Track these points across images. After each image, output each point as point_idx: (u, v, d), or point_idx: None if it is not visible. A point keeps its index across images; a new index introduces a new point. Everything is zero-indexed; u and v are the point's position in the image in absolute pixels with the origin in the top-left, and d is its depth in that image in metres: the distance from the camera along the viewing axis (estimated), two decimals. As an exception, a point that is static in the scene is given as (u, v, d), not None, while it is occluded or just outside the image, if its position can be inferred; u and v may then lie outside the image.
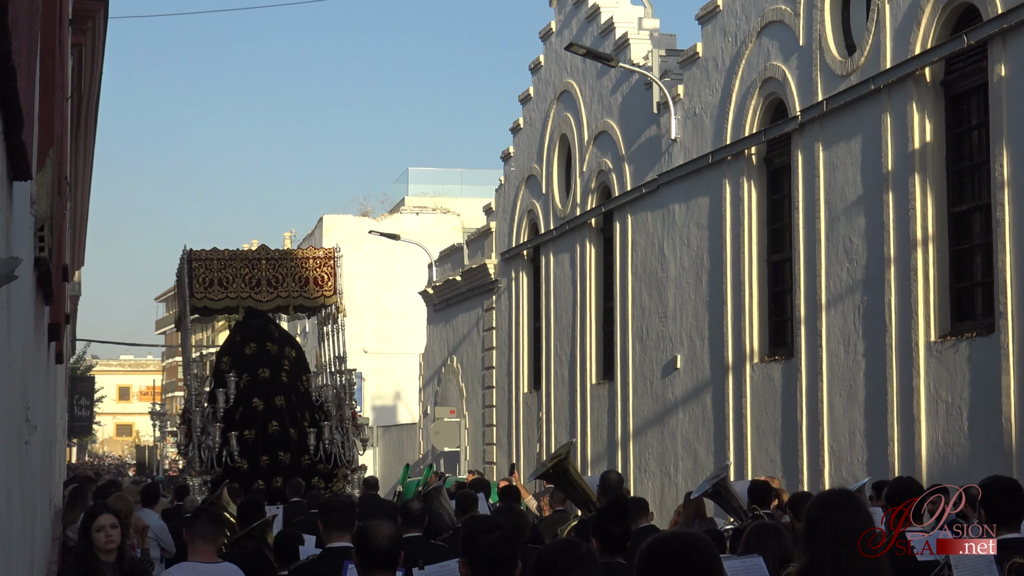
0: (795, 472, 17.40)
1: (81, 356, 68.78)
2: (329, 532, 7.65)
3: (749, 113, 19.01)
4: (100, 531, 7.73)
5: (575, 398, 25.52)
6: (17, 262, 4.51)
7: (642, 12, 24.06)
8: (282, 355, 18.65)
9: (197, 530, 7.59)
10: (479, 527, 4.97)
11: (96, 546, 7.72)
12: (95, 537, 7.73)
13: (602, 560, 6.21)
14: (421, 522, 8.83)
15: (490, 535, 4.88)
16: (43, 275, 8.33)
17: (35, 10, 6.11)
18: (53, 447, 15.41)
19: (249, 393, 18.09)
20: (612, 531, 6.86)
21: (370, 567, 5.82)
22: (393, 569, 5.89)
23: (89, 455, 63.71)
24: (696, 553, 3.67)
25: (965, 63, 15.10)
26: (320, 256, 19.05)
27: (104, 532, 7.72)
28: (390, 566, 5.84)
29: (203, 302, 18.52)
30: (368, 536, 5.86)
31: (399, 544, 5.95)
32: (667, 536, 3.78)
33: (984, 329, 14.49)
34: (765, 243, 19.11)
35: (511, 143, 30.15)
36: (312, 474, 17.67)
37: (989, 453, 14.12)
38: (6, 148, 5.05)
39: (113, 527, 7.76)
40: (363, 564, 5.84)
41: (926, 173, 15.34)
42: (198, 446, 17.58)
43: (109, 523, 7.76)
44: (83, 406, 52.88)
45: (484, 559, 4.84)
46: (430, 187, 53.95)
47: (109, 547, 7.73)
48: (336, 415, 18.36)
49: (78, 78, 14.76)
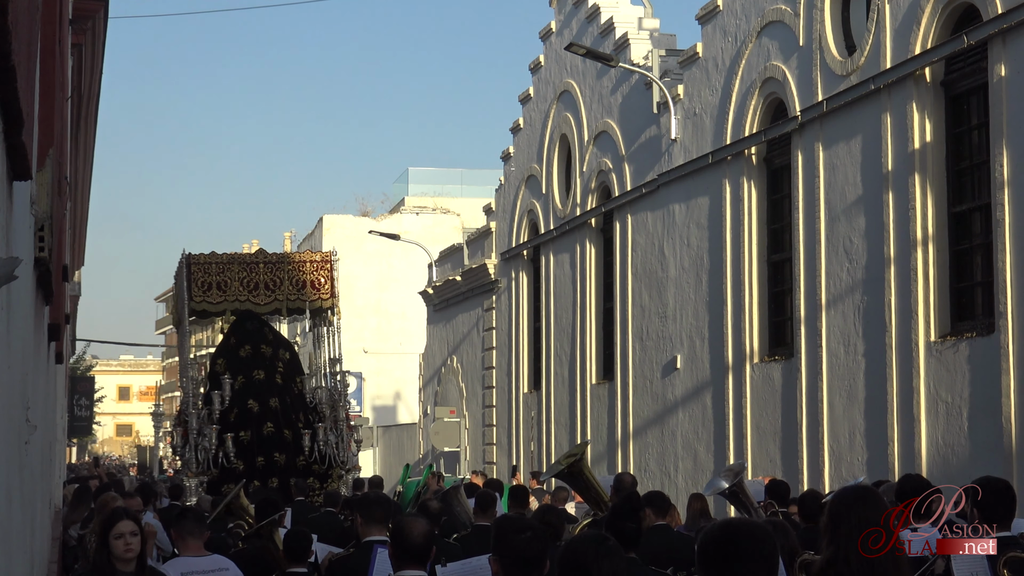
0: (795, 472, 17.40)
1: (81, 356, 68.75)
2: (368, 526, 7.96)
3: (749, 113, 19.01)
4: (119, 539, 7.19)
5: (575, 398, 25.52)
6: (17, 262, 4.51)
7: (642, 12, 24.07)
8: (276, 357, 18.77)
9: (186, 528, 8.26)
10: (511, 527, 5.14)
11: (114, 554, 7.19)
12: (113, 545, 7.19)
13: None
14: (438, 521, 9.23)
15: (522, 535, 5.06)
16: (43, 275, 8.33)
17: (35, 10, 6.11)
18: (53, 447, 15.41)
19: (244, 395, 18.20)
20: (625, 527, 7.04)
21: (403, 560, 6.19)
22: (424, 564, 6.22)
23: (89, 455, 63.72)
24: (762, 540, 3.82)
25: (965, 63, 15.11)
26: (317, 260, 19.19)
27: (123, 540, 7.19)
28: (422, 560, 6.20)
29: (202, 305, 18.67)
30: (404, 531, 6.23)
31: (431, 540, 6.33)
32: (736, 522, 3.94)
33: (984, 329, 14.49)
34: (765, 243, 19.12)
35: (511, 143, 30.16)
36: (307, 475, 17.81)
37: (989, 453, 14.12)
38: (6, 148, 5.05)
39: (133, 535, 7.22)
40: (397, 557, 6.23)
41: (926, 173, 15.34)
42: (195, 447, 17.70)
43: (129, 530, 7.22)
44: (83, 406, 52.86)
45: (516, 558, 5.01)
46: (430, 187, 53.97)
47: (128, 556, 7.20)
48: (330, 416, 18.50)
49: (78, 78, 14.76)
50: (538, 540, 5.09)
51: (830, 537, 4.80)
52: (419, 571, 6.19)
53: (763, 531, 3.87)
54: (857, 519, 4.75)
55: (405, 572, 6.17)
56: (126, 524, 7.24)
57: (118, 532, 7.20)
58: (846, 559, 4.71)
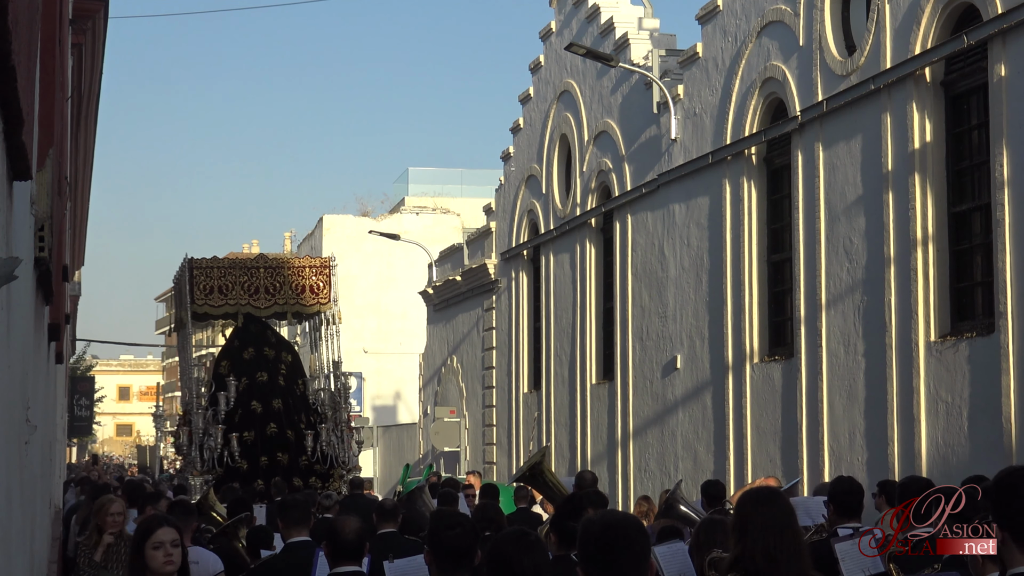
0: (795, 472, 17.40)
1: (81, 356, 68.74)
2: (288, 528, 8.38)
3: (749, 113, 19.01)
4: (158, 548, 6.28)
5: (575, 398, 25.52)
6: (17, 262, 4.51)
7: (642, 12, 24.06)
8: (279, 359, 19.26)
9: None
10: (442, 523, 5.55)
11: (151, 567, 6.27)
12: (151, 556, 6.26)
13: (559, 553, 6.78)
14: (395, 517, 9.56)
15: (452, 530, 5.46)
16: (43, 275, 8.33)
17: (35, 10, 6.11)
18: (53, 447, 15.46)
19: (248, 396, 18.65)
20: (567, 526, 7.21)
21: (338, 558, 6.64)
22: (359, 559, 6.70)
23: (88, 454, 63.64)
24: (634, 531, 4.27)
25: (965, 63, 15.10)
26: (316, 265, 19.75)
27: (163, 550, 6.27)
28: (356, 557, 6.68)
29: (204, 308, 19.19)
30: (336, 530, 6.70)
31: (364, 537, 6.81)
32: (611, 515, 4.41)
33: (984, 329, 14.49)
34: (765, 243, 19.12)
35: (511, 143, 30.15)
36: (309, 474, 18.27)
37: (989, 453, 14.12)
38: (6, 148, 5.05)
39: (175, 544, 6.29)
40: (332, 555, 6.66)
41: (926, 173, 15.34)
42: (199, 447, 18.11)
43: (170, 539, 6.29)
44: (83, 406, 52.81)
45: (447, 551, 5.40)
46: (430, 187, 53.96)
47: (168, 569, 6.28)
48: (332, 418, 18.89)
49: (78, 78, 14.75)
50: (467, 535, 5.44)
51: (738, 536, 5.16)
52: (354, 566, 6.65)
53: (636, 525, 4.31)
54: (762, 518, 5.10)
55: (341, 568, 6.60)
56: (166, 532, 6.31)
57: (157, 541, 6.29)
58: (752, 555, 5.06)
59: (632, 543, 4.21)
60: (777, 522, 5.11)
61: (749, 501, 5.29)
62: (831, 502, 8.20)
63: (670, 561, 7.40)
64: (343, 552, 6.63)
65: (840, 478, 8.78)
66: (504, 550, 4.84)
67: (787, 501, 5.33)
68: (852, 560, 6.78)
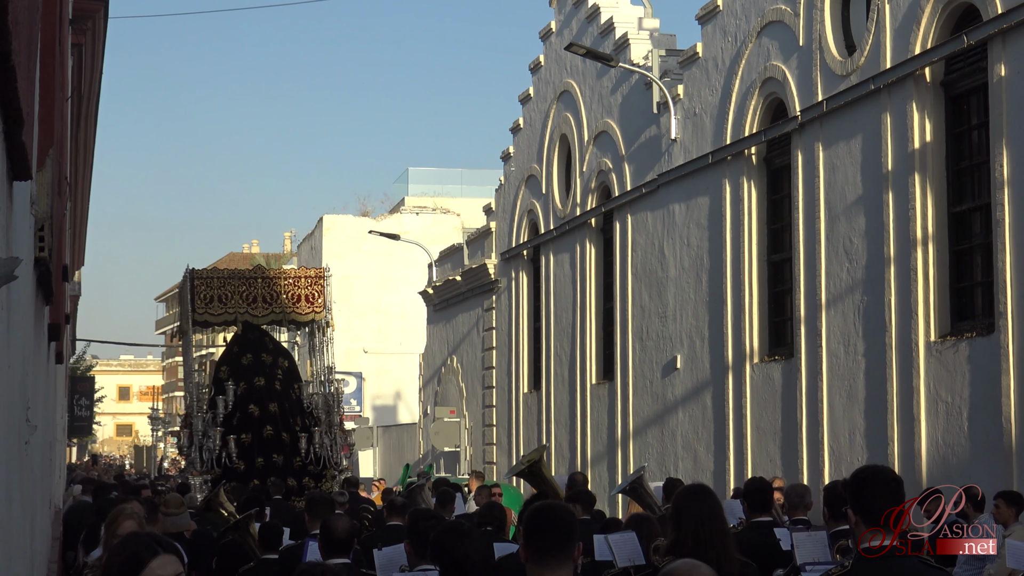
0: (795, 472, 17.40)
1: (81, 356, 68.71)
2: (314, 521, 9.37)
3: (749, 113, 19.01)
4: None
5: (575, 398, 25.52)
6: (17, 262, 4.51)
7: (642, 12, 24.06)
8: (276, 365, 20.00)
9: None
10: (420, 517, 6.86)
11: None
12: None
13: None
14: (403, 513, 10.42)
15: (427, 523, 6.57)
16: (43, 275, 8.34)
17: (35, 10, 6.11)
18: (53, 447, 15.49)
19: (246, 400, 19.38)
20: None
21: (330, 551, 7.66)
22: (348, 553, 7.75)
23: (88, 454, 63.57)
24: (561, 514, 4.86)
25: (965, 63, 15.10)
26: (311, 276, 20.74)
27: None
28: (346, 551, 7.74)
29: (204, 316, 20.10)
30: (329, 528, 7.79)
31: (353, 534, 7.91)
32: (545, 503, 5.05)
33: (984, 329, 14.49)
34: (765, 243, 19.11)
35: (511, 143, 30.15)
36: (303, 475, 19.10)
37: (989, 453, 14.13)
38: (6, 148, 5.05)
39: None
40: (325, 549, 7.73)
41: (926, 173, 15.34)
42: (199, 448, 18.88)
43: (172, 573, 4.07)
44: (83, 406, 52.76)
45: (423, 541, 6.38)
46: (430, 187, 53.94)
47: None
48: (325, 421, 19.60)
49: (78, 78, 14.74)
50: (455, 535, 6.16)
51: (674, 524, 5.98)
52: (344, 559, 7.62)
53: (563, 509, 4.93)
54: (696, 510, 5.90)
55: (331, 560, 7.51)
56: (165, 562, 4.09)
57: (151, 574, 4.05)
58: (684, 541, 5.81)
59: (557, 524, 4.77)
60: (706, 512, 5.89)
61: (682, 496, 6.08)
62: (745, 499, 9.13)
63: (621, 547, 8.25)
64: (334, 547, 7.66)
65: (751, 479, 9.89)
66: (442, 539, 5.86)
67: (715, 496, 6.11)
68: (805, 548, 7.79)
